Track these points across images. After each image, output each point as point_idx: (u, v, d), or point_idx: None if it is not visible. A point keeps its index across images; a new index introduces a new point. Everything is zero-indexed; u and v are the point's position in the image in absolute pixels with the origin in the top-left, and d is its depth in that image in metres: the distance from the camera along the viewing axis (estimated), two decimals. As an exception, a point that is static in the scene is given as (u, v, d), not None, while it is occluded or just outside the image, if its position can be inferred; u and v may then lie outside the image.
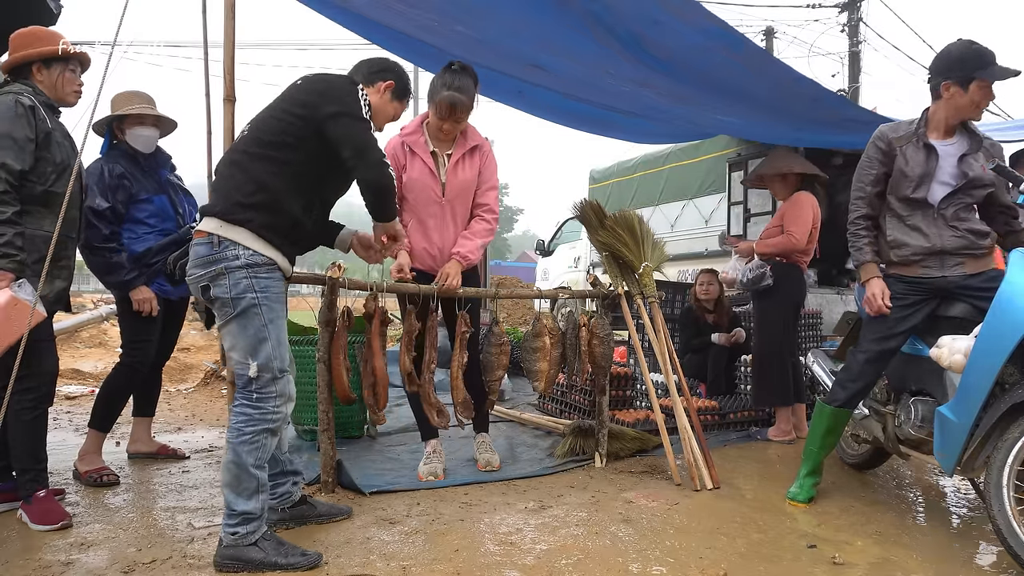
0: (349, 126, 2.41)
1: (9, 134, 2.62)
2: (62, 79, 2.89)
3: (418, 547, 2.52)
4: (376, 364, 3.01)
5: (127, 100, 3.48)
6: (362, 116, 2.44)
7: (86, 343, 8.96)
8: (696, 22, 3.33)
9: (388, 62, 2.80)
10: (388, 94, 2.71)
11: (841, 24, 13.98)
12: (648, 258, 3.68)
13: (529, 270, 23.61)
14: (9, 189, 2.60)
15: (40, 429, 2.79)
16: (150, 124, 3.51)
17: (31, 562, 2.37)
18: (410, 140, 3.38)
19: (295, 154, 2.42)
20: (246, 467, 2.33)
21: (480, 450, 3.59)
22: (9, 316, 2.47)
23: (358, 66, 2.75)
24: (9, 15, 3.66)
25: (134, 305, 3.37)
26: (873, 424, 3.22)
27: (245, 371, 2.36)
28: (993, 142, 2.92)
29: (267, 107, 2.53)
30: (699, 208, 7.54)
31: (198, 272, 2.37)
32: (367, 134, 2.45)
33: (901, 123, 2.98)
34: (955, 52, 2.79)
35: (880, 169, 2.95)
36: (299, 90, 2.50)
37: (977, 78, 2.73)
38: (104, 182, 3.35)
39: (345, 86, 2.49)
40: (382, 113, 2.73)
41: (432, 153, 3.38)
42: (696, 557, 2.48)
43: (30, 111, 2.69)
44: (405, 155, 3.38)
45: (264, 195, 2.38)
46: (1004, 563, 2.52)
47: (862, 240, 3.00)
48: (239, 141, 2.51)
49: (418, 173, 3.36)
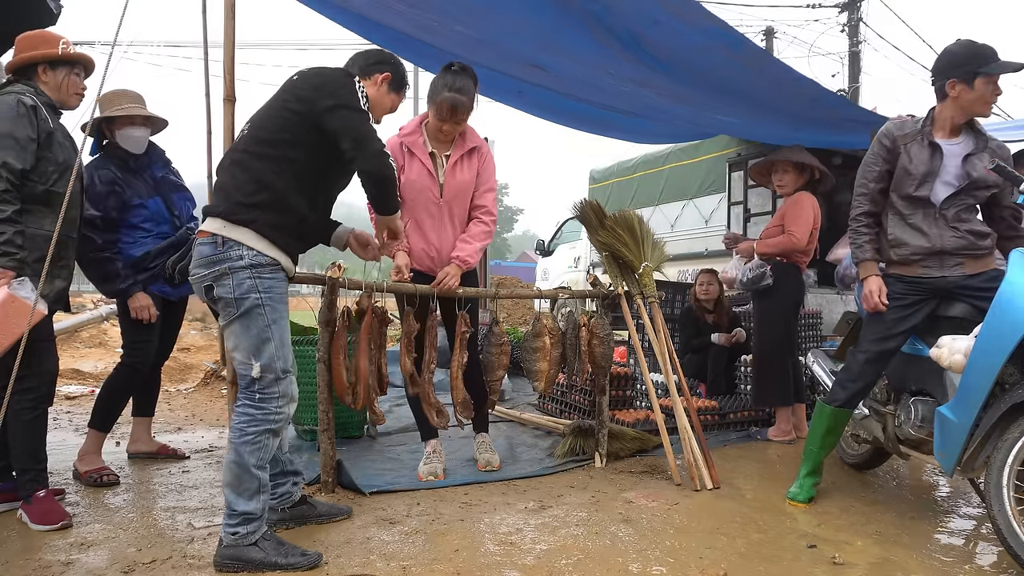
0: (347, 118, 2.39)
1: (11, 133, 2.63)
2: (67, 82, 2.91)
3: (418, 547, 2.52)
4: (360, 363, 2.97)
5: (115, 100, 3.40)
6: (360, 107, 2.42)
7: (86, 343, 8.96)
8: (696, 22, 3.34)
9: (384, 54, 2.78)
10: (385, 86, 2.70)
11: (841, 24, 13.99)
12: (648, 258, 3.68)
13: (529, 270, 23.62)
14: (10, 188, 2.60)
15: (40, 429, 2.79)
16: (140, 124, 3.45)
17: (31, 562, 2.37)
18: (408, 141, 3.37)
19: (296, 151, 2.41)
20: (248, 467, 2.33)
21: (480, 450, 3.59)
22: (7, 314, 2.47)
23: (354, 58, 2.74)
24: (9, 15, 3.66)
25: (132, 313, 3.37)
26: (873, 424, 3.22)
27: (248, 371, 2.36)
28: (1000, 143, 2.91)
29: (265, 104, 2.52)
30: (699, 208, 7.54)
31: (201, 272, 2.37)
32: (366, 124, 2.43)
33: (907, 121, 2.98)
34: (958, 50, 2.81)
35: (884, 166, 2.96)
36: (295, 85, 2.48)
37: (982, 74, 2.74)
38: (95, 190, 3.29)
39: (341, 79, 2.47)
40: (379, 105, 2.70)
41: (431, 154, 3.38)
42: (696, 557, 2.48)
43: (32, 111, 2.70)
44: (403, 156, 3.37)
45: (267, 194, 2.37)
46: (1004, 563, 2.52)
47: (862, 237, 3.00)
48: (239, 140, 2.50)
49: (416, 174, 3.35)
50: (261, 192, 2.37)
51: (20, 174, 2.64)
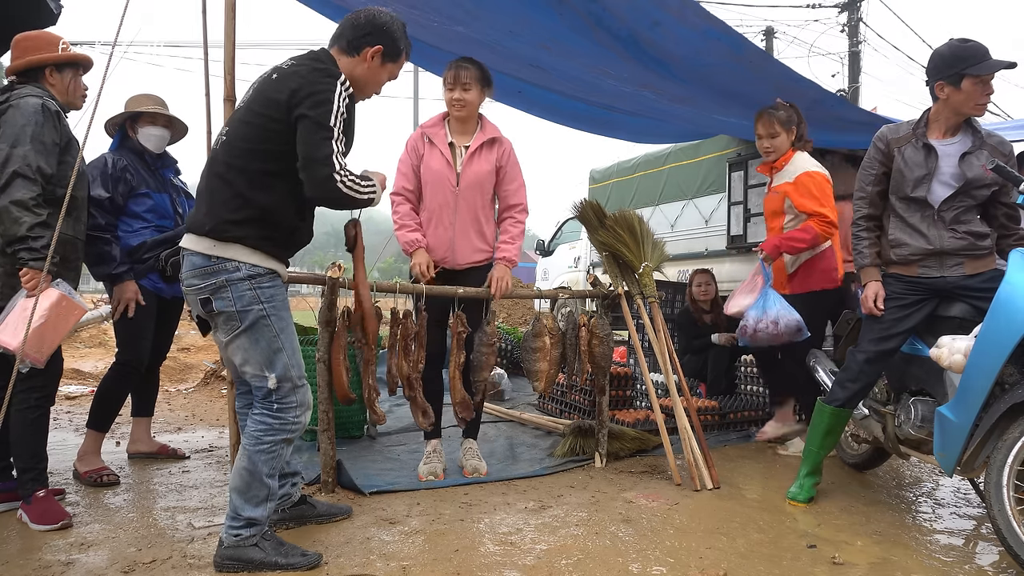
0: (306, 134, 2.23)
1: (39, 138, 2.67)
2: (74, 84, 2.96)
3: (418, 547, 2.52)
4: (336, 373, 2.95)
5: (141, 101, 3.57)
6: (325, 123, 2.24)
7: (86, 343, 8.97)
8: (696, 23, 3.34)
9: (375, 21, 2.46)
10: (377, 59, 2.45)
11: (841, 24, 14.00)
12: (648, 258, 3.68)
13: (529, 270, 23.58)
14: (42, 192, 2.65)
15: (43, 428, 2.80)
16: (161, 124, 3.58)
17: (31, 562, 2.37)
18: (431, 132, 3.46)
19: (278, 163, 2.29)
20: (260, 476, 2.32)
21: (467, 456, 3.52)
22: (59, 314, 2.57)
23: (342, 27, 2.47)
24: (9, 15, 3.66)
25: (114, 301, 3.38)
26: (873, 424, 3.22)
27: (264, 383, 2.32)
28: (1001, 140, 2.90)
29: (243, 106, 2.37)
30: (699, 208, 7.53)
31: (197, 283, 2.31)
32: (321, 146, 2.23)
33: (902, 124, 3.02)
34: (945, 52, 2.82)
35: (880, 169, 2.99)
36: (271, 86, 2.32)
37: (968, 75, 2.74)
38: (107, 172, 3.38)
39: (320, 82, 2.28)
40: (372, 82, 2.49)
41: (450, 144, 3.44)
42: (696, 557, 2.48)
43: (55, 116, 2.74)
44: (424, 145, 3.45)
45: (252, 211, 2.28)
46: (1004, 563, 2.52)
47: (862, 243, 3.03)
48: (219, 148, 2.36)
49: (436, 163, 3.41)
50: (246, 208, 2.28)
51: (48, 179, 2.68)
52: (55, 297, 2.57)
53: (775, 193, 3.91)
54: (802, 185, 3.71)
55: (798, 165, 3.80)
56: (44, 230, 2.60)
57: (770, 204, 3.97)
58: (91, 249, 3.31)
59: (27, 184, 2.60)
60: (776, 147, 3.84)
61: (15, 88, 2.80)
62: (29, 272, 2.58)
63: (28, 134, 2.63)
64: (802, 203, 3.69)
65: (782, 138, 3.82)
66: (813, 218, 3.66)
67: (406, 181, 3.44)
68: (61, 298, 2.58)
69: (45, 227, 2.61)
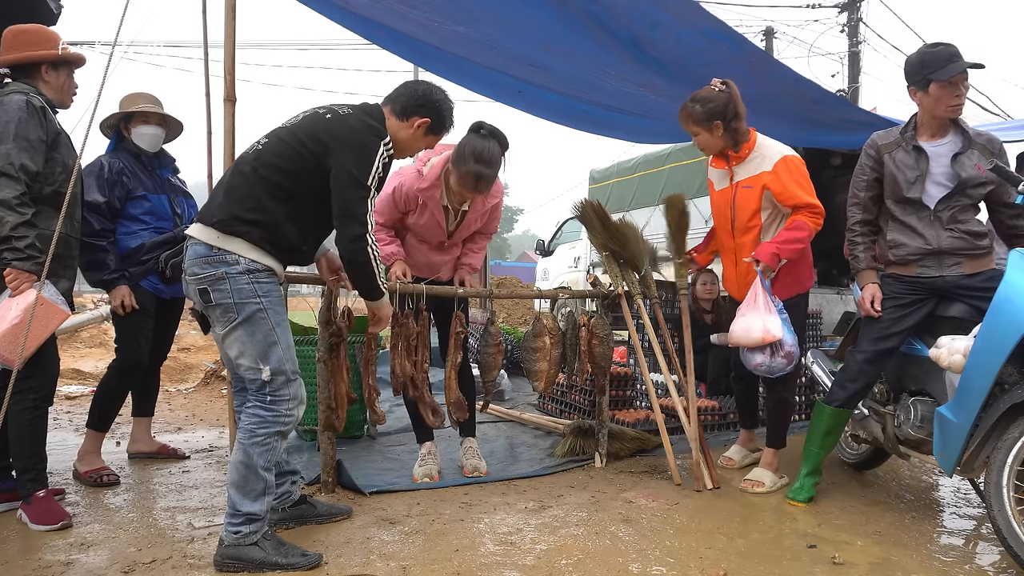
0: (346, 188, 2.36)
1: (24, 135, 2.65)
2: (68, 82, 2.96)
3: (418, 547, 2.52)
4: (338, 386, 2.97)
5: (135, 100, 3.55)
6: (363, 183, 2.37)
7: (86, 343, 8.96)
8: (696, 24, 3.34)
9: (432, 96, 2.63)
10: (421, 131, 2.62)
11: (841, 24, 13.98)
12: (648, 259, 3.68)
13: (529, 270, 23.61)
14: (27, 191, 2.63)
15: (41, 429, 2.80)
16: (155, 123, 3.54)
17: (31, 562, 2.37)
18: (425, 195, 3.21)
19: (298, 187, 2.40)
20: (255, 468, 2.33)
21: (467, 456, 3.52)
22: (38, 317, 2.53)
23: (399, 92, 2.63)
24: (9, 15, 3.66)
25: (111, 303, 3.38)
26: (873, 424, 3.22)
27: (258, 376, 2.36)
28: (991, 137, 2.90)
29: (288, 126, 2.48)
30: (699, 208, 7.53)
31: (197, 272, 2.35)
32: (359, 204, 2.38)
33: (892, 130, 3.06)
34: (914, 58, 2.88)
35: (871, 174, 3.02)
36: (322, 125, 2.43)
37: (933, 80, 2.78)
38: (103, 177, 3.36)
39: (366, 139, 2.41)
40: (410, 147, 2.67)
41: (444, 207, 3.29)
42: (696, 557, 2.48)
43: (40, 112, 2.72)
44: (416, 204, 3.25)
45: (262, 215, 2.36)
46: (1004, 563, 2.52)
47: (858, 248, 3.05)
48: (252, 152, 2.46)
49: (426, 221, 3.29)
50: (258, 211, 2.36)
51: (34, 176, 2.66)
52: (31, 298, 2.52)
53: (746, 188, 3.27)
54: (784, 172, 3.16)
55: (771, 150, 3.24)
56: (28, 229, 2.59)
57: (744, 202, 3.29)
58: (85, 255, 3.29)
59: (10, 183, 2.59)
60: (703, 145, 3.37)
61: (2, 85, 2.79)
62: (13, 272, 2.58)
63: (11, 131, 2.62)
64: (792, 193, 3.14)
65: (703, 136, 3.29)
66: (801, 211, 3.15)
67: (381, 219, 3.30)
68: (39, 300, 2.52)
69: (29, 226, 2.59)
